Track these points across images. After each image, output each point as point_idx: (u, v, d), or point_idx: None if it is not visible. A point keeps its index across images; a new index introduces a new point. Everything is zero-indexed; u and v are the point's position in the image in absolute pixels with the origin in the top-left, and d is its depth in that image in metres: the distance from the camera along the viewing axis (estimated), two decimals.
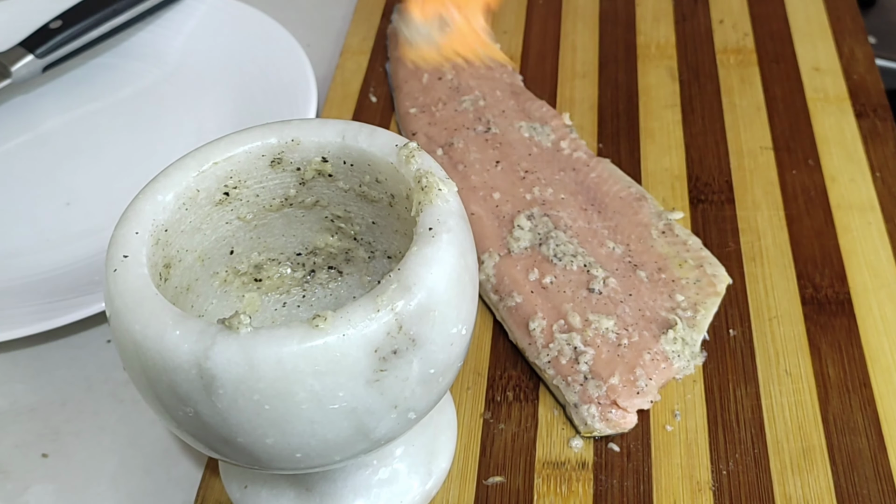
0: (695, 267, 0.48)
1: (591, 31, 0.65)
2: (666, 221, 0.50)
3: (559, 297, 0.46)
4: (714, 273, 0.48)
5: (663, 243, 0.49)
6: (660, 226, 0.50)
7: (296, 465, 0.34)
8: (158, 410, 0.34)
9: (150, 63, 0.66)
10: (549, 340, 0.45)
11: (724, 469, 0.42)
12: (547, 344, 0.45)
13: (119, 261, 0.33)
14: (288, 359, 0.30)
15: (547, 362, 0.44)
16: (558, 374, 0.44)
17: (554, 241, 0.48)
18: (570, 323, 0.45)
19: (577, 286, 0.47)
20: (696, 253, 0.49)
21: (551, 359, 0.44)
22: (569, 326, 0.45)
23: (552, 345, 0.45)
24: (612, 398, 0.43)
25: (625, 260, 0.48)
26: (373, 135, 0.37)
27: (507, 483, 0.42)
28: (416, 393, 0.33)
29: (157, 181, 0.36)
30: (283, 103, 0.59)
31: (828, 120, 0.57)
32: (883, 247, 0.50)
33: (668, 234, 0.50)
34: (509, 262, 0.48)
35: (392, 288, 0.32)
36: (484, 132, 0.56)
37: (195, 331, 0.31)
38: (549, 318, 0.46)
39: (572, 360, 0.44)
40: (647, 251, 0.49)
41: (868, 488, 0.41)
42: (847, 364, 0.45)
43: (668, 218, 0.51)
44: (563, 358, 0.44)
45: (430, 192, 0.35)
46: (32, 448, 0.47)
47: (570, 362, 0.44)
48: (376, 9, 0.69)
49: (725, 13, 0.66)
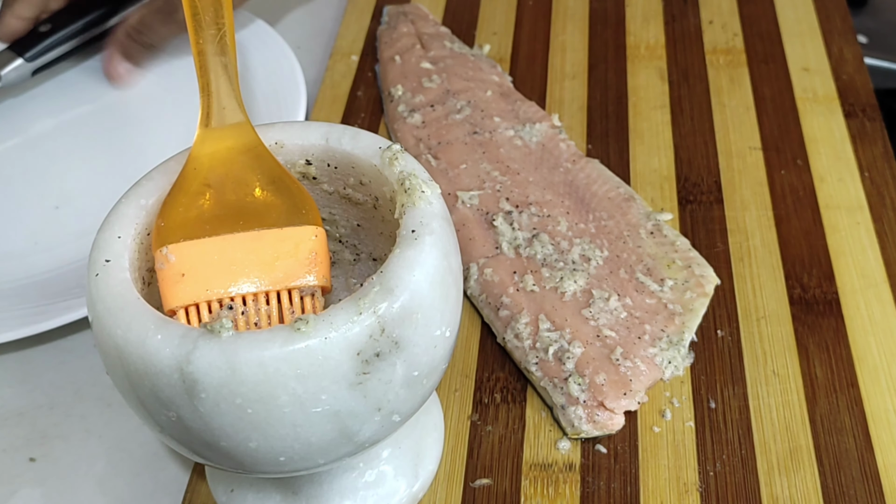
0: (683, 268, 0.48)
1: (580, 32, 0.65)
2: (654, 222, 0.50)
3: (546, 298, 0.46)
4: (702, 274, 0.48)
5: (652, 244, 0.49)
6: (648, 226, 0.50)
7: (280, 469, 0.34)
8: (142, 415, 0.34)
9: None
10: (536, 342, 0.45)
11: (712, 470, 0.42)
12: (534, 345, 0.45)
13: (101, 265, 0.33)
14: (270, 362, 0.30)
15: (534, 364, 0.44)
16: (545, 375, 0.44)
17: (540, 242, 0.48)
18: (557, 324, 0.45)
19: (564, 287, 0.47)
20: (685, 254, 0.49)
21: (538, 360, 0.44)
22: (555, 327, 0.45)
23: (539, 345, 0.45)
24: (599, 399, 0.42)
25: (612, 261, 0.48)
26: (356, 137, 0.37)
27: (494, 485, 0.42)
28: (399, 395, 0.33)
29: (139, 185, 0.36)
30: (272, 105, 0.59)
31: (816, 120, 0.57)
32: (871, 247, 0.50)
33: (657, 235, 0.50)
34: (496, 263, 0.48)
35: (374, 291, 0.32)
36: (472, 134, 0.56)
37: (177, 335, 0.31)
38: (534, 320, 0.46)
39: (559, 361, 0.44)
40: (636, 252, 0.49)
41: (855, 488, 0.41)
42: (834, 364, 0.45)
43: (657, 219, 0.51)
44: (550, 359, 0.44)
45: (414, 195, 0.35)
46: (20, 452, 0.46)
47: (557, 363, 0.44)
48: (366, 11, 0.69)
49: (715, 14, 0.66)
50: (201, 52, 0.35)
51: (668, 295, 0.47)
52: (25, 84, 0.65)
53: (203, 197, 0.36)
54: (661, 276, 0.48)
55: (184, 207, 0.35)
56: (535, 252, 0.48)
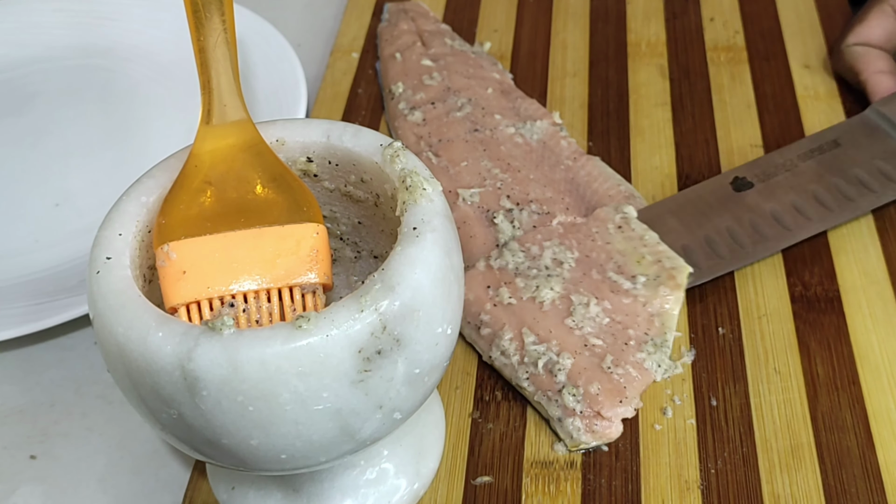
0: (653, 262, 0.47)
1: (581, 30, 0.65)
2: (622, 215, 0.49)
3: (525, 310, 0.46)
4: (673, 266, 0.47)
5: (620, 239, 0.48)
6: (616, 220, 0.49)
7: (281, 467, 0.34)
8: (143, 413, 0.34)
9: (140, 63, 0.66)
10: (524, 356, 0.44)
11: (713, 468, 0.42)
12: (522, 360, 0.44)
13: (102, 263, 0.33)
14: (271, 360, 0.30)
15: (525, 379, 0.44)
16: (538, 389, 0.43)
17: (510, 251, 0.48)
18: (542, 336, 0.45)
19: (542, 296, 0.46)
20: (653, 248, 0.48)
21: (529, 375, 0.44)
22: (540, 340, 0.45)
23: (527, 360, 0.44)
24: (596, 409, 0.42)
25: (583, 262, 0.47)
26: (357, 134, 0.37)
27: (495, 483, 0.42)
28: (401, 393, 0.33)
29: (140, 182, 0.36)
30: (272, 103, 0.59)
31: (818, 117, 0.57)
32: (872, 244, 0.50)
33: (625, 229, 0.49)
34: (468, 279, 0.47)
35: (376, 288, 0.32)
36: (473, 131, 0.55)
37: (178, 332, 0.31)
38: (518, 334, 0.45)
39: (550, 374, 0.43)
40: (605, 249, 0.48)
41: (856, 486, 0.41)
42: (836, 362, 0.45)
43: (624, 212, 0.50)
44: (541, 372, 0.44)
45: (415, 192, 0.35)
46: (20, 449, 0.46)
47: (549, 376, 0.43)
48: (367, 8, 0.68)
49: (716, 11, 0.66)
50: (202, 49, 0.35)
51: (641, 291, 0.46)
52: (25, 81, 0.65)
53: (204, 194, 0.36)
54: (633, 273, 0.47)
55: (185, 205, 0.35)
56: (507, 262, 0.48)
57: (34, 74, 0.66)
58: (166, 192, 0.36)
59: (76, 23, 0.67)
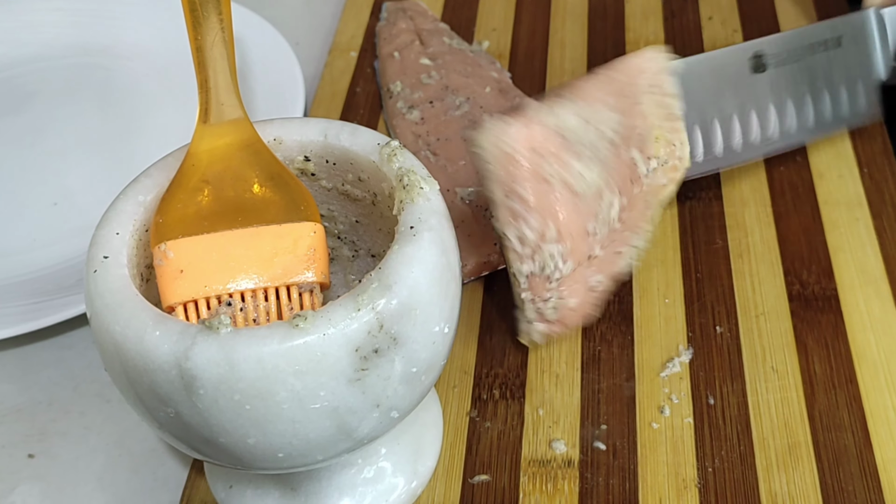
0: (667, 144, 0.46)
1: (580, 28, 0.65)
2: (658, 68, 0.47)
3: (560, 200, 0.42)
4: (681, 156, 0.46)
5: (651, 102, 0.46)
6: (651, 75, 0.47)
7: (279, 465, 0.34)
8: (140, 411, 0.34)
9: (138, 62, 0.66)
10: (535, 253, 0.42)
11: (710, 466, 0.42)
12: (532, 256, 0.42)
13: (99, 262, 0.33)
14: (268, 358, 0.30)
15: (525, 276, 0.43)
16: (530, 289, 0.43)
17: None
18: (562, 235, 0.42)
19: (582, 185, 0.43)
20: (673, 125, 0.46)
21: (530, 273, 0.43)
22: (559, 238, 0.42)
23: (537, 258, 0.42)
24: (565, 323, 0.44)
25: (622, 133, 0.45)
26: (355, 133, 0.37)
27: (492, 481, 0.42)
28: (398, 392, 0.33)
29: (138, 181, 0.36)
30: (271, 101, 0.59)
31: None
32: (870, 243, 0.50)
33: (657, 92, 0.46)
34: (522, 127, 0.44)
35: (373, 287, 0.32)
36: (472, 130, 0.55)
37: (175, 331, 0.31)
38: (543, 223, 0.42)
39: (546, 280, 0.43)
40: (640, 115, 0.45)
41: (853, 485, 0.41)
42: (833, 360, 0.45)
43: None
44: (540, 274, 0.43)
45: (412, 191, 0.35)
46: (18, 448, 0.46)
47: (544, 281, 0.43)
48: (365, 7, 0.68)
49: (714, 10, 0.66)
50: (199, 47, 0.35)
51: (647, 181, 0.45)
52: (24, 80, 0.65)
53: (201, 193, 0.36)
54: (649, 154, 0.45)
55: (182, 204, 0.35)
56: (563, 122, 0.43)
57: (33, 73, 0.66)
58: (163, 191, 0.36)
59: (74, 21, 0.67)
